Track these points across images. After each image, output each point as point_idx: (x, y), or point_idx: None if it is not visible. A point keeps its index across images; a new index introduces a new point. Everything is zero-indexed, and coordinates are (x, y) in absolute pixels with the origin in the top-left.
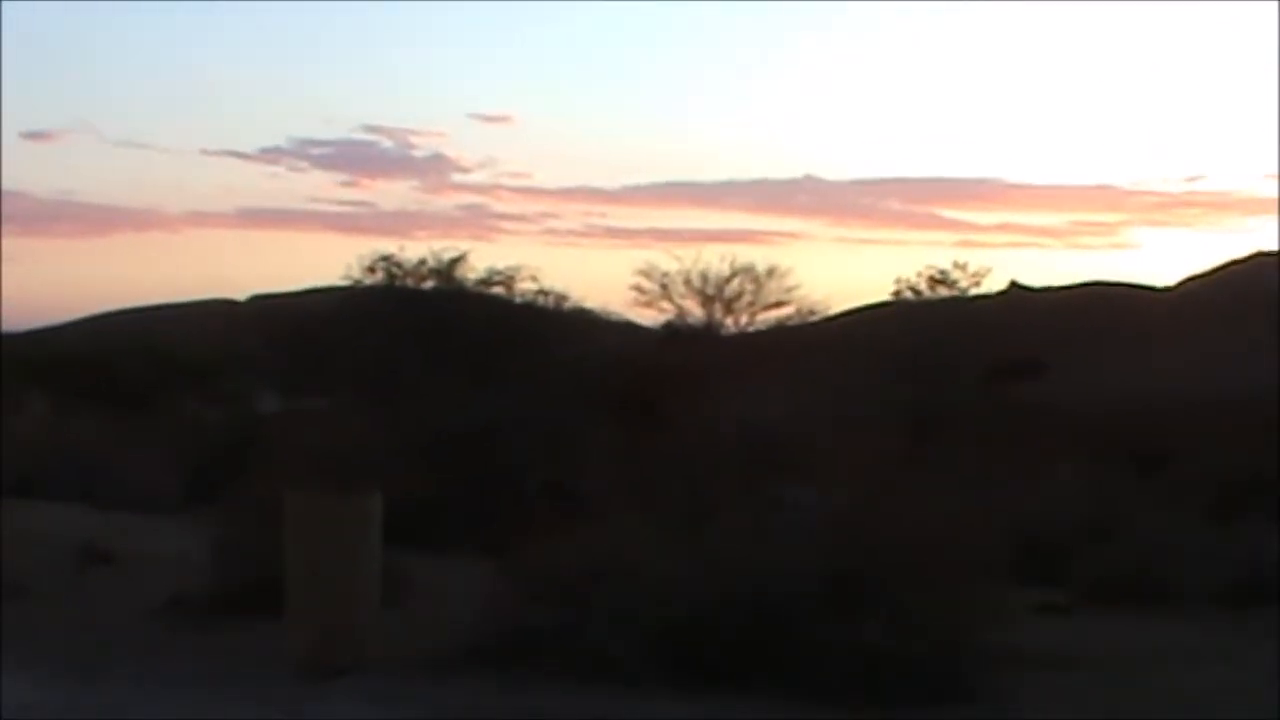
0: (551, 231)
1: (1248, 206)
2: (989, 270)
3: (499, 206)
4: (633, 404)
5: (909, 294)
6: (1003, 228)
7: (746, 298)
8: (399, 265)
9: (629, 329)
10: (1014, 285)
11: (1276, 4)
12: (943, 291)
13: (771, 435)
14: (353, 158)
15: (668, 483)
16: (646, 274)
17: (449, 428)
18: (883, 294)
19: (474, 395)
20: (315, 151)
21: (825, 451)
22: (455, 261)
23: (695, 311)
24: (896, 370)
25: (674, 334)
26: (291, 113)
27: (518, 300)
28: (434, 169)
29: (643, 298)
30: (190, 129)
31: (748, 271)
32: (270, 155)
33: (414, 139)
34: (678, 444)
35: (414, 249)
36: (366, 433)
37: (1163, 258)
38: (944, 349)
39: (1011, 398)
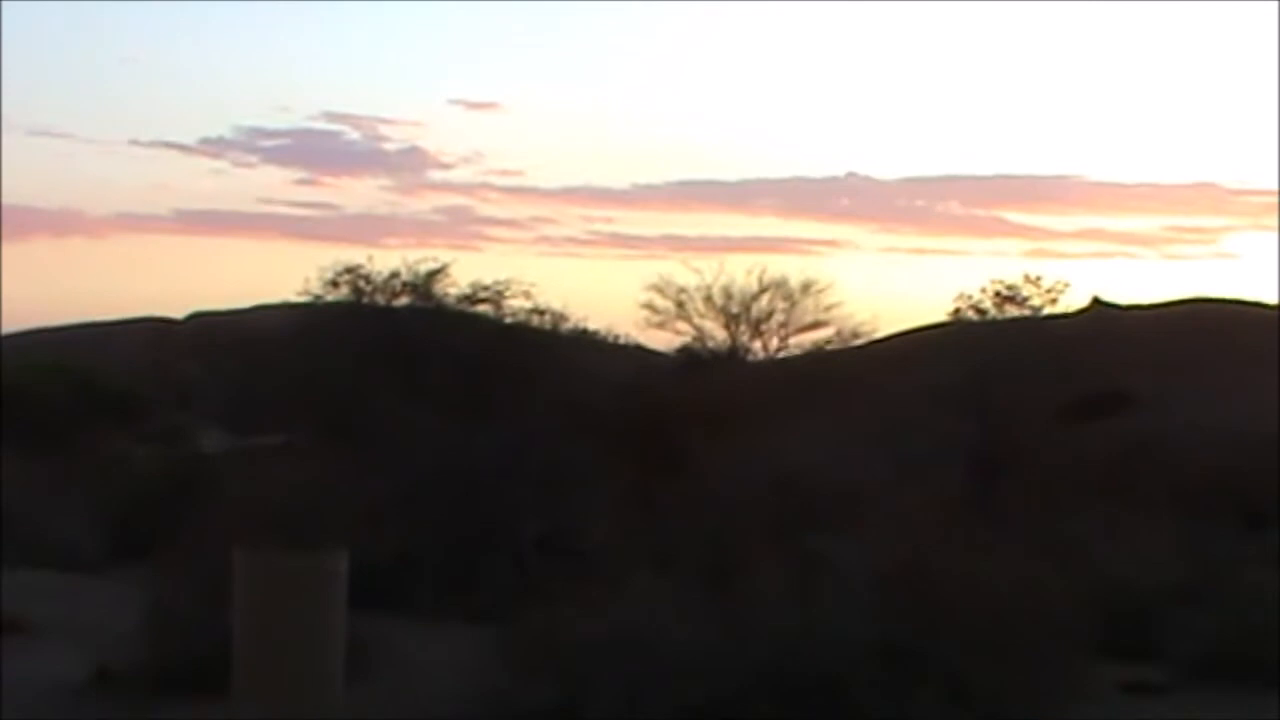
0: (547, 239)
1: None
2: (1067, 285)
3: (486, 209)
4: (645, 443)
5: (971, 314)
6: (1084, 234)
7: (778, 317)
8: (367, 279)
9: (640, 355)
10: (1097, 303)
11: None
12: (1012, 311)
13: (809, 480)
14: (311, 151)
15: (687, 537)
16: (660, 289)
17: (428, 471)
18: (940, 313)
19: (457, 433)
20: (267, 143)
21: (873, 500)
22: (434, 274)
23: (718, 334)
24: (956, 404)
25: (693, 360)
26: (238, 97)
27: (508, 321)
28: (408, 165)
29: (656, 318)
30: (118, 117)
31: (779, 286)
32: (213, 147)
33: (385, 129)
34: (699, 491)
35: (385, 259)
36: (330, 477)
37: (1274, 269)
38: (1013, 379)
39: (1094, 437)
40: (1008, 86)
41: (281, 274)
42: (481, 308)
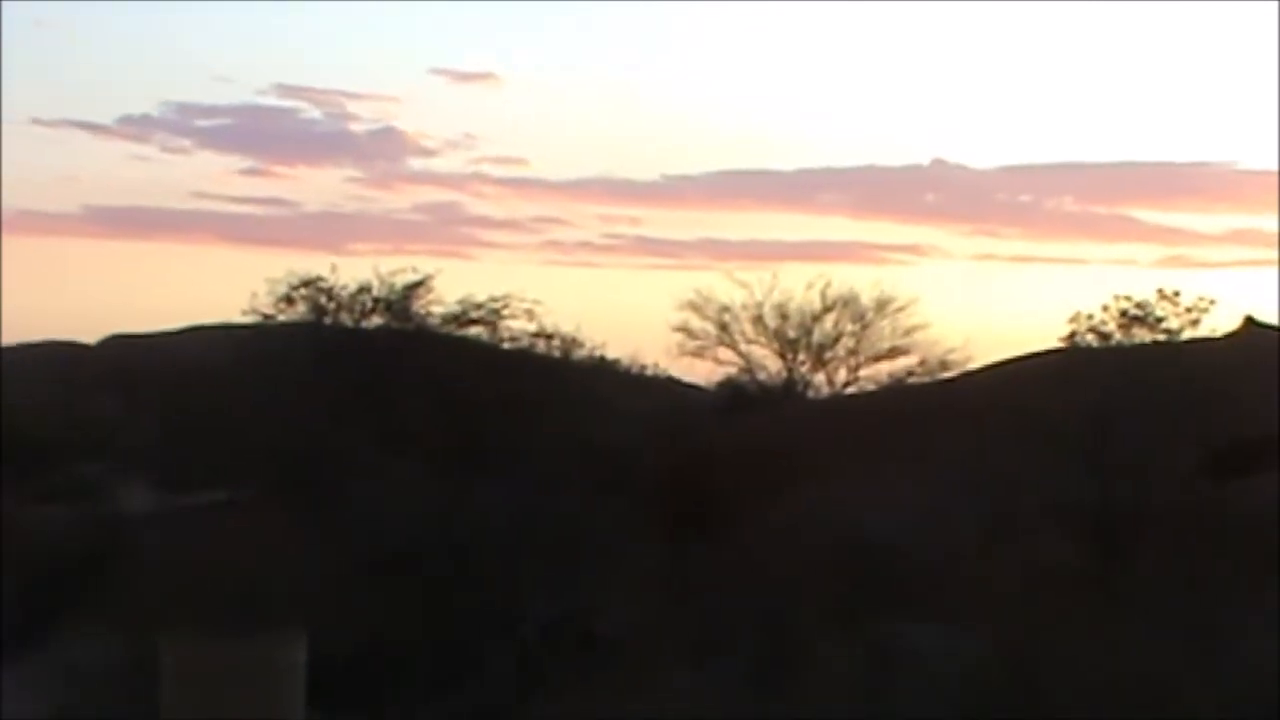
0: (556, 244)
1: None
2: (1212, 302)
3: (478, 207)
4: (680, 502)
5: (1090, 338)
6: (1233, 236)
7: (846, 343)
8: (329, 294)
9: (673, 390)
10: (1251, 323)
11: None
12: (1142, 335)
13: (885, 548)
14: (259, 133)
15: (735, 620)
16: (698, 308)
17: (408, 536)
18: (1050, 338)
19: (445, 489)
20: (203, 123)
21: (964, 573)
22: (414, 289)
23: (770, 364)
24: (1071, 453)
25: (739, 398)
26: (168, 65)
27: (507, 347)
28: (382, 151)
29: (692, 344)
30: (16, 90)
31: (848, 304)
32: (135, 128)
33: (351, 106)
34: (748, 562)
35: (352, 270)
36: (285, 544)
37: None
38: (1144, 421)
39: (1247, 495)
40: (1133, 50)
41: (222, 288)
42: (474, 331)
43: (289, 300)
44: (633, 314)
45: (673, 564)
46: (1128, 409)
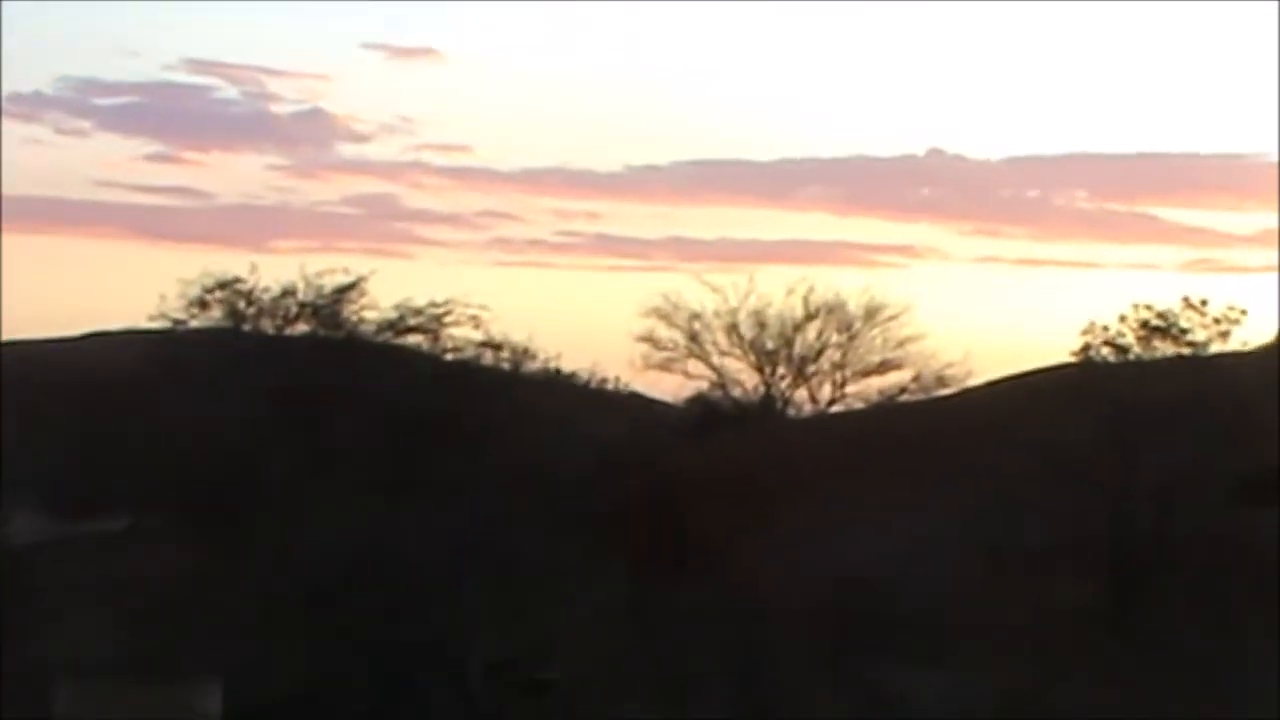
0: (505, 242)
1: None
2: (1244, 312)
3: (418, 199)
4: (644, 532)
5: (1106, 352)
6: (1268, 237)
7: (832, 356)
8: (249, 298)
9: (637, 407)
10: None
11: None
12: (1164, 347)
13: (877, 585)
14: (169, 114)
15: (707, 663)
16: (665, 315)
17: (339, 567)
18: (1061, 352)
19: (380, 515)
20: (103, 102)
21: (966, 612)
22: (345, 292)
23: (746, 378)
24: (1085, 479)
25: (711, 416)
26: (65, 36)
27: (450, 358)
28: (308, 135)
29: (659, 355)
30: None
31: (833, 312)
32: (27, 107)
33: (273, 84)
34: (721, 599)
35: (274, 269)
36: (196, 578)
37: None
38: (1166, 444)
39: (1277, 526)
40: (1154, 29)
41: (127, 289)
42: (413, 340)
43: (203, 304)
44: (592, 321)
45: (636, 602)
46: (1148, 432)
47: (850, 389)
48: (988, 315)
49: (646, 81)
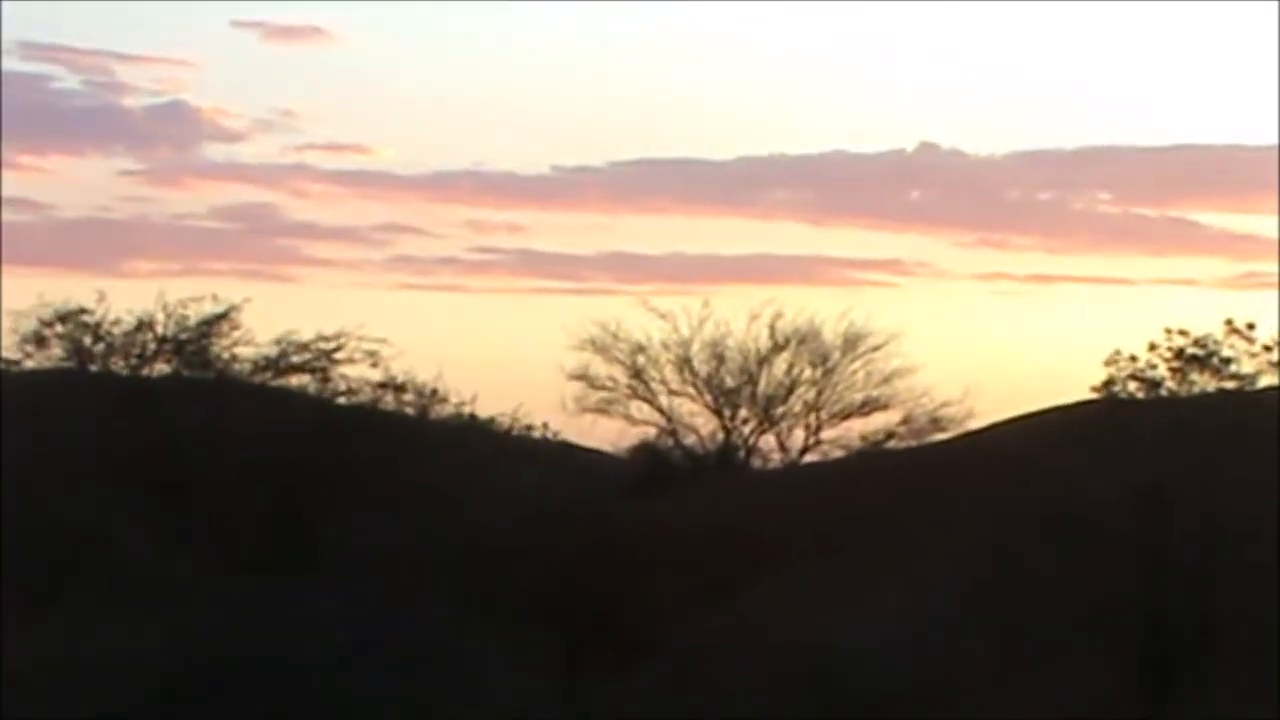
0: (409, 262)
1: None
2: None
3: (302, 210)
4: (579, 613)
5: (1133, 387)
6: None
7: (804, 395)
8: (96, 331)
9: (568, 459)
10: None
11: None
12: (1203, 381)
13: (862, 670)
14: None
15: None
16: (602, 347)
17: (205, 658)
18: (1081, 387)
19: (255, 595)
20: None
21: (969, 703)
22: (214, 324)
23: (702, 423)
24: (1110, 541)
25: (659, 469)
26: None
27: (342, 403)
28: (167, 133)
29: (595, 396)
30: None
31: (806, 341)
32: None
33: (124, 72)
34: (673, 692)
35: (128, 297)
36: (30, 668)
37: None
38: (1208, 497)
39: None
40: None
41: None
42: (297, 381)
43: (39, 340)
44: (514, 356)
45: (569, 694)
46: (1185, 484)
47: (826, 434)
48: (992, 343)
49: (577, 67)
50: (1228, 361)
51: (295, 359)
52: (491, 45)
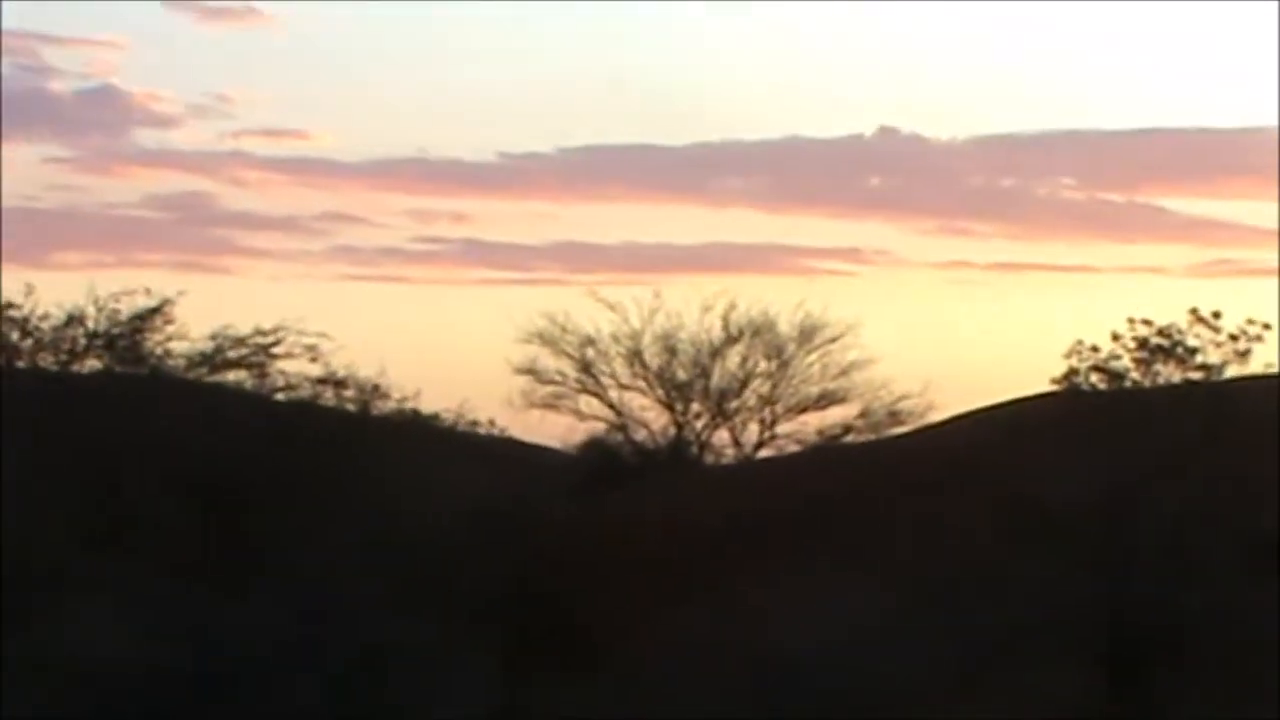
0: (350, 252)
1: None
2: (1266, 326)
3: (239, 199)
4: (525, 617)
5: (1096, 379)
6: None
7: (759, 388)
8: (24, 326)
9: (515, 456)
10: None
11: None
12: (1169, 372)
13: (820, 677)
14: None
15: None
16: (550, 340)
17: (138, 672)
18: (1042, 379)
19: (189, 603)
20: None
21: (927, 710)
22: (147, 318)
23: (653, 418)
24: (1071, 540)
25: (609, 466)
26: None
27: (281, 399)
28: (97, 119)
29: (543, 390)
30: None
31: (760, 333)
32: None
33: (51, 55)
34: (622, 700)
35: (57, 290)
36: None
37: None
38: (1171, 495)
39: None
40: None
41: None
42: (233, 377)
43: None
44: (459, 350)
45: (514, 704)
46: (1151, 480)
47: (782, 429)
48: (953, 335)
49: (526, 50)
50: (1193, 351)
51: (231, 354)
52: (436, 27)
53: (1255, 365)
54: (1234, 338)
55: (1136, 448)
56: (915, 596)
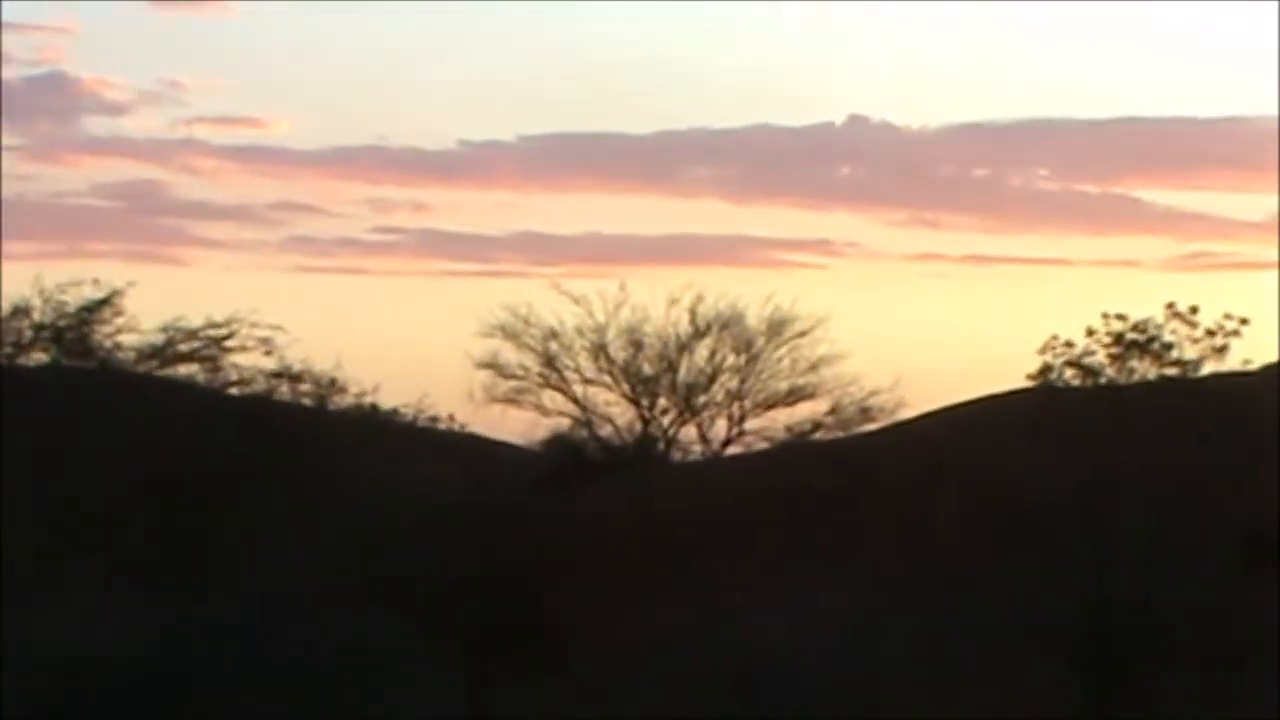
0: (306, 243)
1: None
2: (1244, 320)
3: (191, 188)
4: (487, 618)
5: (1071, 375)
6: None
7: (727, 383)
8: None
9: (476, 452)
10: None
11: None
12: (1143, 369)
13: (792, 678)
14: None
15: None
16: (512, 333)
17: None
18: (1015, 375)
19: (142, 607)
20: None
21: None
22: (96, 310)
23: (618, 413)
24: (1047, 538)
25: (573, 463)
26: None
27: (235, 393)
28: (45, 106)
29: (505, 385)
30: None
31: (728, 327)
32: None
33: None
34: (587, 702)
35: (4, 281)
36: None
37: None
38: (1150, 493)
39: None
40: None
41: None
42: (185, 370)
43: None
44: (419, 343)
45: (476, 706)
46: (1127, 478)
47: (750, 425)
48: (925, 328)
49: (485, 35)
50: (1168, 347)
51: (183, 347)
52: (394, 11)
53: (1232, 361)
54: (1210, 333)
55: (1113, 445)
56: (889, 596)
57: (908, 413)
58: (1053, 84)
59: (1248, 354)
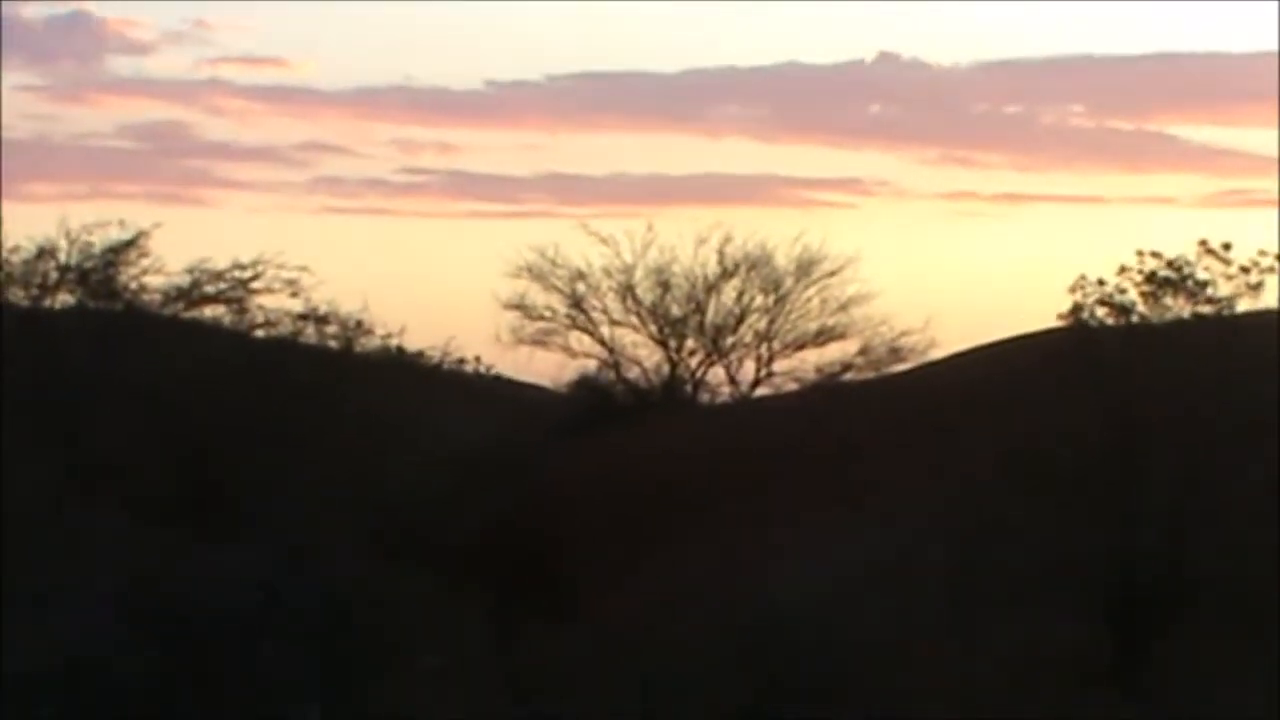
0: (332, 184)
1: None
2: (1278, 257)
3: (217, 129)
4: (512, 564)
5: (1102, 313)
6: None
7: (755, 324)
8: None
9: (503, 395)
10: None
11: None
12: (1177, 307)
13: (813, 624)
14: None
15: None
16: (539, 274)
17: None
18: (1047, 313)
19: (164, 548)
20: None
21: (926, 661)
22: (121, 252)
23: (646, 355)
24: (1078, 484)
25: (600, 405)
26: None
27: (260, 335)
28: (69, 46)
29: (532, 327)
30: None
31: (757, 266)
32: None
33: None
34: (612, 648)
35: (28, 222)
36: None
37: None
38: (1179, 436)
39: None
40: None
41: None
42: (210, 312)
43: None
44: (445, 285)
45: (500, 652)
46: (1157, 421)
47: (779, 366)
48: (956, 268)
49: None
50: (1203, 285)
51: (209, 289)
52: None
53: (1268, 299)
54: (1245, 270)
55: (1143, 386)
56: (916, 543)
57: (938, 353)
58: (1085, 20)
59: None
